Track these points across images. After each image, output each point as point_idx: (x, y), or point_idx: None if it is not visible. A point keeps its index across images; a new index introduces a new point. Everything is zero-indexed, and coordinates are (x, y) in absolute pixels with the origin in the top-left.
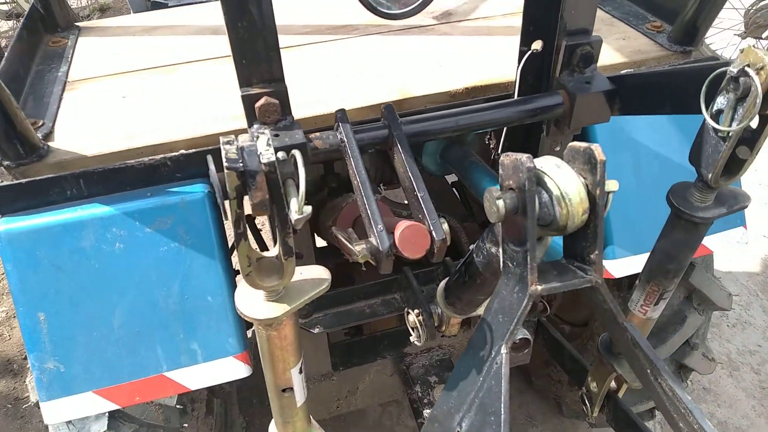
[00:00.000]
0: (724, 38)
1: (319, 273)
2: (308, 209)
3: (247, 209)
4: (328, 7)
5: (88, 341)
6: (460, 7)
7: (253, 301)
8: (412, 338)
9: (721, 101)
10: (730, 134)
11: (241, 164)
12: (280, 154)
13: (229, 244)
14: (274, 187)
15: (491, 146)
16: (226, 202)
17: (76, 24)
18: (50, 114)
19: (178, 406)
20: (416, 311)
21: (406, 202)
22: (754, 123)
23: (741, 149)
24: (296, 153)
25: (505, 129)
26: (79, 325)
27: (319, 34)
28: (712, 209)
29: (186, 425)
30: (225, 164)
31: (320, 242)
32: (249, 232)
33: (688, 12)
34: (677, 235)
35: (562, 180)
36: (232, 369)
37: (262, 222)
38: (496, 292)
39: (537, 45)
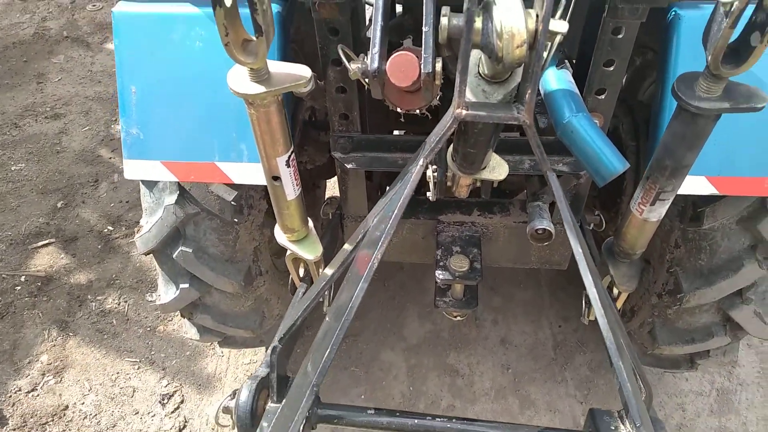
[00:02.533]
0: None
1: (303, 71)
2: None
3: None
4: None
5: (162, 119)
6: None
7: (239, 79)
8: (428, 194)
9: None
10: (733, 8)
11: None
12: None
13: None
14: None
15: None
16: None
17: None
18: None
19: (233, 203)
20: (434, 167)
21: None
22: None
23: (754, 36)
24: None
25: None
26: (159, 104)
27: None
28: (714, 101)
29: (237, 220)
30: None
31: None
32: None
33: None
34: (676, 128)
35: (506, 8)
36: None
37: None
38: (442, 118)
39: None
